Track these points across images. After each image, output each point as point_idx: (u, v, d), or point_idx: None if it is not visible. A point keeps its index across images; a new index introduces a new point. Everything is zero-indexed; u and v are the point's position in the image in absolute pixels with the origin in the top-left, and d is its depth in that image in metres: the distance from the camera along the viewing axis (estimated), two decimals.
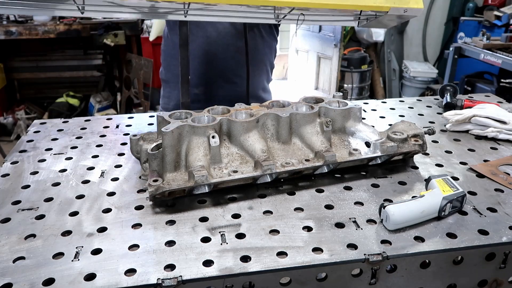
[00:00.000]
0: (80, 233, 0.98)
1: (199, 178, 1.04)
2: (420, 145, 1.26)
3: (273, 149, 1.20)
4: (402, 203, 1.02)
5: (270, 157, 1.13)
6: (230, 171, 1.11)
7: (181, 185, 1.06)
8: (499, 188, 1.17)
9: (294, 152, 1.20)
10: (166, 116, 1.18)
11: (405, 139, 1.24)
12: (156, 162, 1.10)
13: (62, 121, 1.64)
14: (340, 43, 5.01)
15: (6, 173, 1.25)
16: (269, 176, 1.15)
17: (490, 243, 0.95)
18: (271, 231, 0.99)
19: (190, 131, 1.13)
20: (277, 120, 1.21)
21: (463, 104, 1.71)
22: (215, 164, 1.12)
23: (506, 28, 4.80)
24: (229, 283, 0.86)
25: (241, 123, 1.17)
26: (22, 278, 0.84)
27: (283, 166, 1.13)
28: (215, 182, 1.07)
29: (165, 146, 1.09)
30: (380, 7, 1.15)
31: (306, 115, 1.23)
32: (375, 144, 1.22)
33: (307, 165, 1.15)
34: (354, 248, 0.93)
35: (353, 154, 1.20)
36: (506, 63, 3.80)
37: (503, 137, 1.46)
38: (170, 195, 1.10)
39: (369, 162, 1.26)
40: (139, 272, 0.86)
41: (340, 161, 1.18)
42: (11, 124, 4.97)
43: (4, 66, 5.11)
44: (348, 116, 1.28)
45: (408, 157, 1.31)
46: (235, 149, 1.17)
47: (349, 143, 1.26)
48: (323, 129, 1.22)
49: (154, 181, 1.06)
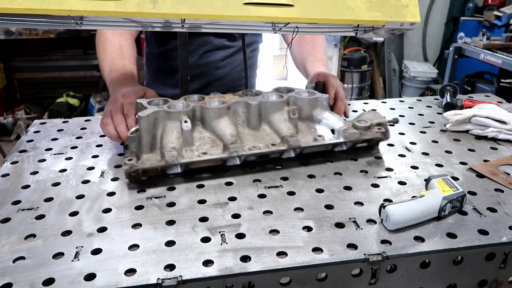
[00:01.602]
0: (80, 233, 0.98)
1: (169, 158, 1.14)
2: (383, 132, 1.34)
3: (243, 134, 1.29)
4: (402, 203, 1.02)
5: (238, 141, 1.23)
6: (200, 153, 1.21)
7: (153, 164, 1.16)
8: (499, 188, 1.17)
9: (263, 137, 1.29)
10: (145, 103, 1.28)
11: (368, 127, 1.33)
12: (134, 145, 1.21)
13: (62, 121, 1.64)
14: (340, 43, 5.02)
15: (6, 173, 1.25)
16: (238, 159, 1.23)
17: (490, 243, 0.95)
18: (271, 231, 0.99)
19: (165, 116, 1.23)
20: (247, 108, 1.30)
21: (463, 104, 1.71)
22: (187, 147, 1.22)
23: (506, 28, 4.79)
24: (229, 283, 0.86)
25: (212, 109, 1.27)
26: (22, 278, 0.84)
27: (250, 150, 1.22)
28: (185, 162, 1.17)
29: (141, 129, 1.20)
30: (376, 21, 1.19)
31: (274, 103, 1.32)
32: (339, 131, 1.29)
33: (272, 149, 1.24)
34: (354, 248, 0.93)
35: (317, 140, 1.29)
36: (506, 63, 3.80)
37: (503, 137, 1.46)
38: (144, 174, 1.19)
39: (335, 148, 1.34)
40: (139, 272, 0.86)
41: (304, 146, 1.26)
42: (11, 124, 4.97)
43: (4, 66, 5.11)
44: (315, 105, 1.37)
45: (373, 144, 1.39)
46: (207, 134, 1.27)
47: (315, 130, 1.35)
48: (290, 117, 1.30)
49: (129, 160, 1.16)
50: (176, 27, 1.21)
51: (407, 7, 1.20)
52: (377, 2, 1.18)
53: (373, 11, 1.17)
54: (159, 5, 1.05)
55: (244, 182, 1.20)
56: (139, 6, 1.04)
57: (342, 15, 1.17)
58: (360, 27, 1.26)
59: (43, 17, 1.04)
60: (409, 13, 1.20)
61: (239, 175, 1.24)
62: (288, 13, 1.14)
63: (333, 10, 1.16)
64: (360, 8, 1.17)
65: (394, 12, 1.19)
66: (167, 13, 1.09)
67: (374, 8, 1.18)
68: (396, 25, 1.19)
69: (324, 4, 1.16)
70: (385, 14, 1.18)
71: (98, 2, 1.01)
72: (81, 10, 1.01)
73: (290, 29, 1.24)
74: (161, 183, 1.19)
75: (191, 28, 1.22)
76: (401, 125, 1.60)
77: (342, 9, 1.17)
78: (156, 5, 1.05)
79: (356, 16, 1.18)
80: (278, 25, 1.23)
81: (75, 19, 1.07)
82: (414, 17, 1.21)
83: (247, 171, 1.26)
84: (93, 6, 1.01)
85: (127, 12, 1.04)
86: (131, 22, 1.16)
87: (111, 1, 1.02)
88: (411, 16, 1.20)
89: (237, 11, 1.11)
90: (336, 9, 1.16)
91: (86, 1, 1.00)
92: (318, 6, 1.15)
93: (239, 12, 1.11)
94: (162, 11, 1.06)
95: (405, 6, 1.20)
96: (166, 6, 1.06)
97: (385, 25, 1.19)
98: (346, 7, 1.17)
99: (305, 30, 1.29)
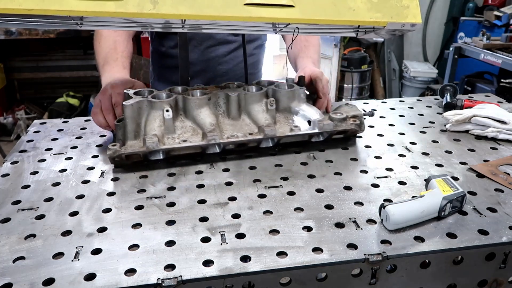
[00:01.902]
0: (80, 233, 0.98)
1: (150, 144, 1.21)
2: (358, 124, 1.39)
3: (223, 124, 1.35)
4: (402, 203, 1.02)
5: (217, 130, 1.28)
6: (181, 141, 1.27)
7: (135, 150, 1.23)
8: (499, 188, 1.17)
9: (241, 127, 1.35)
10: (131, 93, 1.34)
11: (344, 119, 1.38)
12: (121, 132, 1.27)
13: (62, 121, 1.64)
14: (340, 43, 5.01)
15: (6, 173, 1.25)
16: (217, 147, 1.29)
17: (490, 243, 0.95)
18: (271, 231, 0.99)
19: (148, 105, 1.29)
20: (227, 99, 1.36)
21: (463, 104, 1.71)
22: (169, 134, 1.29)
23: (506, 28, 4.79)
24: (229, 283, 0.86)
25: (193, 99, 1.33)
26: (22, 278, 0.84)
27: (228, 138, 1.28)
28: (165, 148, 1.24)
29: (126, 117, 1.26)
30: (377, 22, 1.19)
31: (253, 94, 1.38)
32: (314, 122, 1.34)
33: (249, 138, 1.30)
34: (354, 248, 0.93)
35: (293, 130, 1.34)
36: (506, 63, 3.80)
37: (503, 137, 1.46)
38: (128, 159, 1.25)
39: (311, 139, 1.39)
40: (139, 272, 0.86)
41: (279, 135, 1.32)
42: (11, 124, 4.97)
43: (4, 66, 5.11)
44: (293, 97, 1.42)
45: (350, 136, 1.44)
46: (189, 123, 1.33)
47: (293, 121, 1.40)
48: (268, 108, 1.36)
49: (112, 145, 1.23)
50: (176, 27, 1.21)
51: (408, 8, 1.20)
52: (378, 3, 1.18)
53: (374, 11, 1.18)
54: (159, 6, 1.05)
55: (244, 182, 1.20)
56: (139, 7, 1.04)
57: (342, 16, 1.18)
58: (361, 28, 1.26)
59: (43, 17, 1.05)
60: (410, 14, 1.20)
61: (239, 175, 1.24)
62: (289, 14, 1.14)
63: (334, 10, 1.16)
64: (360, 8, 1.17)
65: (395, 13, 1.19)
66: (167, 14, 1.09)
67: (375, 9, 1.18)
68: (397, 26, 1.20)
69: (325, 5, 1.16)
70: (386, 15, 1.19)
71: (98, 3, 1.01)
72: (81, 11, 1.01)
73: (290, 30, 1.24)
74: (161, 183, 1.20)
75: (191, 29, 1.22)
76: (401, 125, 1.60)
77: (342, 10, 1.17)
78: (157, 6, 1.05)
79: (357, 17, 1.18)
80: (279, 26, 1.23)
81: (75, 19, 1.07)
82: (415, 18, 1.21)
83: (247, 171, 1.26)
84: (93, 7, 1.01)
85: (128, 13, 1.04)
86: (131, 23, 1.16)
87: (111, 2, 1.02)
88: (412, 17, 1.21)
89: (237, 12, 1.11)
90: (336, 9, 1.16)
91: (86, 2, 1.00)
92: (318, 6, 1.15)
93: (240, 12, 1.11)
94: (163, 11, 1.06)
95: (406, 7, 1.20)
96: (166, 7, 1.06)
97: (386, 26, 1.20)
98: (347, 8, 1.17)
99: (306, 31, 1.29)
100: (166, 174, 1.25)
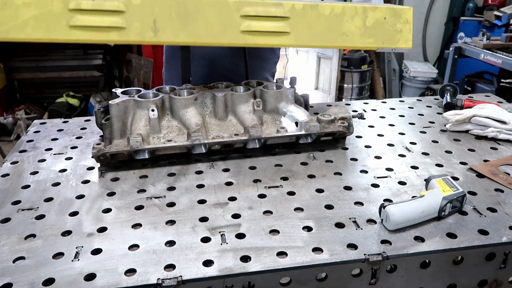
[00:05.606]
0: (80, 233, 0.98)
1: (133, 143, 1.21)
2: (346, 127, 1.37)
3: (210, 124, 1.35)
4: (402, 203, 1.02)
5: (202, 130, 1.28)
6: (166, 140, 1.27)
7: (119, 149, 1.22)
8: (499, 188, 1.17)
9: (228, 127, 1.35)
10: (119, 92, 1.36)
11: (332, 120, 1.36)
12: (108, 131, 1.28)
13: (62, 121, 1.64)
14: None
15: (6, 173, 1.25)
16: (202, 147, 1.29)
17: (490, 243, 0.95)
18: (271, 231, 0.99)
19: (135, 105, 1.30)
20: (214, 99, 1.35)
21: (463, 104, 1.71)
22: (154, 134, 1.28)
23: (506, 28, 4.79)
24: (229, 283, 0.86)
25: (179, 99, 1.33)
26: (22, 278, 0.84)
27: (214, 139, 1.28)
28: (149, 147, 1.24)
29: (112, 116, 1.27)
30: (369, 47, 1.25)
31: (240, 95, 1.37)
32: (301, 123, 1.33)
33: (234, 139, 1.29)
34: (354, 248, 0.93)
35: (280, 131, 1.33)
36: (506, 63, 3.80)
37: (503, 137, 1.46)
38: (113, 158, 1.26)
39: (299, 141, 1.38)
40: (139, 272, 0.86)
41: (266, 136, 1.31)
42: (11, 124, 4.97)
43: (4, 66, 5.11)
44: (281, 98, 1.40)
45: (338, 138, 1.42)
46: (175, 123, 1.33)
47: (280, 122, 1.39)
48: (255, 109, 1.35)
49: (97, 144, 1.25)
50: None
51: (400, 33, 1.25)
52: (371, 28, 1.22)
53: (366, 37, 1.22)
54: (160, 34, 1.12)
55: (244, 182, 1.20)
56: (141, 35, 1.11)
57: (335, 42, 1.23)
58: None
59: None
60: (401, 39, 1.26)
61: (239, 175, 1.24)
62: (284, 41, 1.20)
63: (327, 37, 1.22)
64: (354, 34, 1.22)
65: (387, 39, 1.25)
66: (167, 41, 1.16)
67: (368, 34, 1.23)
68: (388, 50, 1.26)
69: (319, 31, 1.21)
70: (378, 40, 1.26)
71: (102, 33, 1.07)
72: (86, 40, 1.08)
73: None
74: (161, 183, 1.20)
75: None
76: (401, 125, 1.60)
77: (336, 36, 1.22)
78: (157, 34, 1.12)
79: (350, 43, 1.23)
80: None
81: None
82: (406, 43, 1.26)
83: (247, 171, 1.26)
84: (98, 36, 1.08)
85: (130, 41, 1.11)
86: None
87: (114, 32, 1.08)
88: (403, 42, 1.25)
89: (234, 39, 1.17)
90: (330, 35, 1.22)
91: (90, 32, 1.07)
92: (312, 33, 1.21)
93: (236, 40, 1.18)
94: (163, 39, 1.13)
95: (399, 32, 1.24)
96: (166, 35, 1.12)
97: (377, 50, 1.26)
98: (340, 34, 1.22)
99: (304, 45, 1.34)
100: (166, 174, 1.25)
